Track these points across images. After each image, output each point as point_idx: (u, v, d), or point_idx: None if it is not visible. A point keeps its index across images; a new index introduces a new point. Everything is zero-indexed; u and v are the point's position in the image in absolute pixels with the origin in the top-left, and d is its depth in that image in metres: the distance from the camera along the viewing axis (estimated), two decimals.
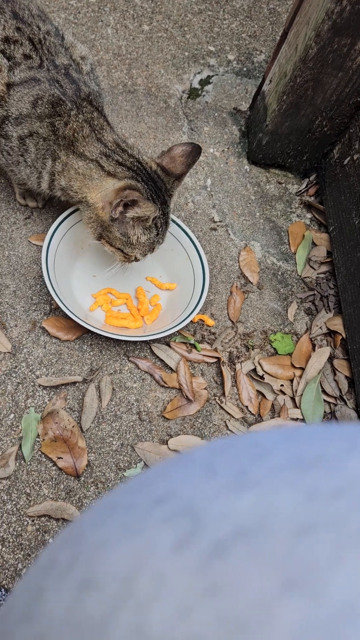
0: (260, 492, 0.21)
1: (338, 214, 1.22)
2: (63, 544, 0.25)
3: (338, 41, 1.01)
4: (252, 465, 0.23)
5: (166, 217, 0.97)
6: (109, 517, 0.24)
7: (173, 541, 0.20)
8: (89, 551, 0.23)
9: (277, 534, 0.19)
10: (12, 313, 1.04)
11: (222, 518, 0.20)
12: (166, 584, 0.19)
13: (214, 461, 0.24)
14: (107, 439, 0.96)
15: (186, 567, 0.19)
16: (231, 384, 1.06)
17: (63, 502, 0.90)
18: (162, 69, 1.46)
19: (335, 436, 0.25)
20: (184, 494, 0.23)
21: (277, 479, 0.21)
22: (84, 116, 0.93)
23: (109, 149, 0.93)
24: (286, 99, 1.16)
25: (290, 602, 0.17)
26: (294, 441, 0.25)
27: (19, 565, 0.84)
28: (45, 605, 0.22)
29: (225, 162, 1.36)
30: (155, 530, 0.21)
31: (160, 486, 0.24)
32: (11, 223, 1.14)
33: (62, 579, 0.22)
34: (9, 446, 0.92)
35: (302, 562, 0.18)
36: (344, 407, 1.07)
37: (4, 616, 0.25)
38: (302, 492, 0.20)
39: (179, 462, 0.26)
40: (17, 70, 0.92)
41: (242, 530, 0.19)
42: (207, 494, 0.22)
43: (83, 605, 0.20)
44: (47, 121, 0.92)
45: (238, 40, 1.57)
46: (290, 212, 1.33)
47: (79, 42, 1.03)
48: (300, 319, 1.18)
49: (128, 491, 0.26)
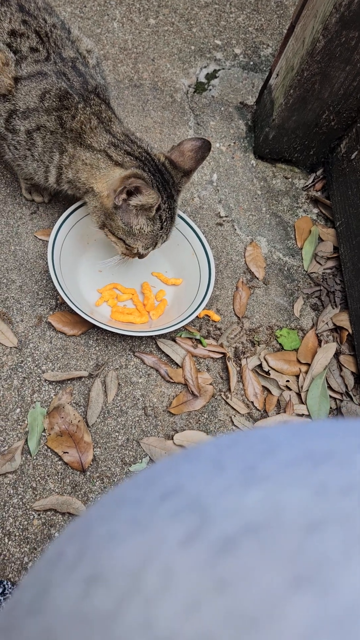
0: (269, 487, 0.21)
1: (345, 209, 1.21)
2: (70, 538, 0.25)
3: (346, 34, 1.00)
4: (260, 461, 0.23)
5: (172, 212, 0.96)
6: (116, 511, 0.24)
7: (181, 536, 0.20)
8: (96, 545, 0.23)
9: (287, 530, 0.19)
10: (18, 308, 1.04)
11: (231, 513, 0.20)
12: (174, 578, 0.19)
13: (222, 456, 0.24)
14: (112, 433, 0.97)
15: (194, 562, 0.19)
16: (237, 379, 1.06)
17: (69, 496, 0.90)
18: (168, 63, 1.45)
19: (345, 432, 0.25)
20: (192, 489, 0.22)
21: (286, 474, 0.21)
22: (92, 109, 0.93)
23: (117, 140, 0.93)
24: (293, 92, 1.15)
25: (300, 598, 0.17)
26: (303, 437, 0.25)
27: (25, 558, 0.85)
28: (52, 599, 0.22)
29: (231, 156, 1.35)
30: (162, 524, 0.21)
31: (167, 481, 0.24)
32: (17, 218, 1.14)
33: (69, 573, 0.22)
34: (15, 440, 0.92)
35: (312, 559, 0.18)
36: (349, 403, 1.07)
37: (12, 609, 0.25)
38: (312, 488, 0.20)
39: (186, 457, 0.26)
40: (24, 64, 0.91)
41: (251, 525, 0.19)
42: (215, 489, 0.22)
43: (90, 599, 0.20)
44: (55, 114, 0.91)
45: (245, 33, 1.55)
46: (296, 207, 1.32)
47: (84, 36, 1.03)
48: (306, 315, 1.17)
49: (135, 486, 0.26)
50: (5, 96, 0.92)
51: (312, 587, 0.17)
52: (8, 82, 0.91)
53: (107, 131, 0.93)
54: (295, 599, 0.17)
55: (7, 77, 0.91)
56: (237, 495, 0.21)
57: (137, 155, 0.92)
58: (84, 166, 0.93)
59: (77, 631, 0.20)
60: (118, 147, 0.92)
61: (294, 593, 0.17)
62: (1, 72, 0.91)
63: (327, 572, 0.17)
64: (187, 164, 0.96)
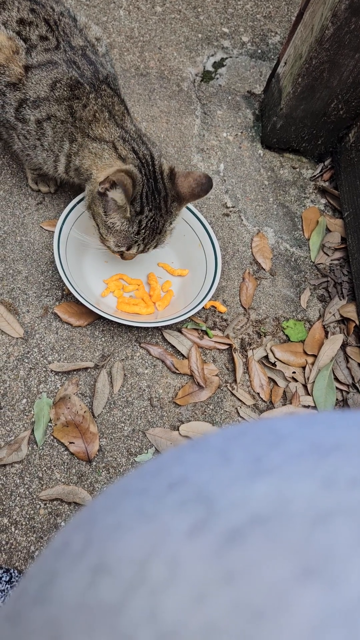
0: (276, 479, 0.20)
1: (353, 199, 1.20)
2: (76, 528, 0.25)
3: (355, 21, 0.98)
4: (267, 452, 0.22)
5: (155, 223, 0.92)
6: (123, 501, 0.24)
7: (187, 527, 0.20)
8: (102, 535, 0.23)
9: (294, 522, 0.19)
10: (25, 299, 1.04)
11: (238, 505, 0.20)
12: (180, 569, 0.19)
13: (229, 447, 0.24)
14: (118, 424, 0.97)
15: (201, 553, 0.19)
16: (243, 370, 1.06)
17: (75, 486, 0.90)
18: (175, 51, 1.43)
19: (353, 423, 0.24)
20: (198, 480, 0.22)
21: (294, 466, 0.21)
22: (103, 100, 0.92)
23: (129, 135, 0.92)
24: (301, 81, 1.13)
25: (308, 590, 0.17)
26: (311, 428, 0.24)
27: (32, 547, 0.85)
28: (58, 589, 0.22)
29: (238, 146, 1.34)
30: (169, 515, 0.21)
31: (174, 471, 0.24)
32: (23, 208, 1.14)
33: (75, 563, 0.22)
34: (21, 431, 0.93)
35: (319, 551, 0.17)
36: (356, 395, 1.06)
37: (18, 598, 0.25)
38: (319, 479, 0.20)
39: (192, 448, 0.26)
40: (34, 52, 0.90)
41: (257, 517, 0.19)
42: (222, 480, 0.22)
43: (96, 589, 0.20)
44: (66, 104, 0.91)
45: (252, 21, 1.53)
46: (304, 197, 1.31)
47: (93, 23, 1.01)
48: (313, 306, 1.17)
49: (141, 476, 0.26)
50: (15, 85, 0.91)
51: (320, 580, 0.17)
52: (18, 70, 0.90)
53: (119, 125, 0.92)
54: (303, 591, 0.17)
55: (17, 65, 0.90)
56: (244, 487, 0.21)
57: (141, 156, 0.91)
58: (89, 154, 0.92)
59: (82, 621, 0.20)
60: (127, 142, 0.91)
61: (301, 585, 0.17)
62: (11, 60, 0.90)
63: (334, 565, 0.17)
64: (184, 188, 0.92)
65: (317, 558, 0.17)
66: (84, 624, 0.20)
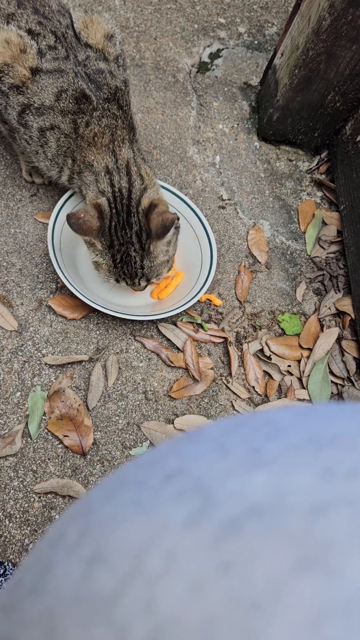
0: (274, 470, 0.20)
1: (349, 192, 1.20)
2: (72, 519, 0.25)
3: (352, 12, 0.98)
4: (265, 444, 0.22)
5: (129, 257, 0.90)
6: (119, 492, 0.24)
7: (184, 517, 0.20)
8: (98, 526, 0.22)
9: (292, 513, 0.18)
10: (19, 291, 1.04)
11: (235, 496, 0.20)
12: (177, 560, 0.19)
13: (226, 439, 0.24)
14: (113, 417, 0.97)
15: (197, 544, 0.19)
16: (238, 364, 1.06)
17: (69, 479, 0.90)
18: (170, 42, 1.42)
19: (350, 415, 0.24)
20: (195, 471, 0.22)
21: (291, 457, 0.21)
22: (107, 120, 0.90)
23: (115, 166, 0.90)
24: (298, 72, 1.13)
25: (305, 582, 0.16)
26: (308, 420, 0.24)
27: (26, 540, 0.85)
28: (53, 580, 0.22)
29: (234, 138, 1.33)
30: (165, 506, 0.21)
31: (170, 463, 0.24)
32: (17, 200, 1.13)
33: (71, 554, 0.22)
34: (15, 424, 0.93)
35: (317, 541, 0.17)
36: (351, 389, 1.07)
37: (13, 589, 0.25)
38: (317, 471, 0.20)
39: (189, 440, 0.26)
40: (43, 59, 0.89)
41: (255, 508, 0.19)
42: (219, 472, 0.21)
43: (92, 580, 0.20)
44: (70, 117, 0.89)
45: (249, 12, 1.52)
46: (300, 190, 1.30)
47: (101, 18, 0.97)
48: (308, 299, 1.17)
49: (138, 467, 0.25)
50: (19, 88, 0.89)
51: (318, 571, 0.17)
52: (23, 72, 0.88)
53: (113, 152, 0.90)
54: (300, 582, 0.16)
55: (23, 66, 0.88)
56: (242, 478, 0.20)
57: (116, 190, 0.89)
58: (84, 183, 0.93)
59: (78, 611, 0.20)
60: (108, 174, 0.90)
61: (299, 576, 0.17)
62: (17, 60, 0.88)
63: (332, 556, 0.17)
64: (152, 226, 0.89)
65: (315, 549, 0.17)
66: (80, 615, 0.20)
